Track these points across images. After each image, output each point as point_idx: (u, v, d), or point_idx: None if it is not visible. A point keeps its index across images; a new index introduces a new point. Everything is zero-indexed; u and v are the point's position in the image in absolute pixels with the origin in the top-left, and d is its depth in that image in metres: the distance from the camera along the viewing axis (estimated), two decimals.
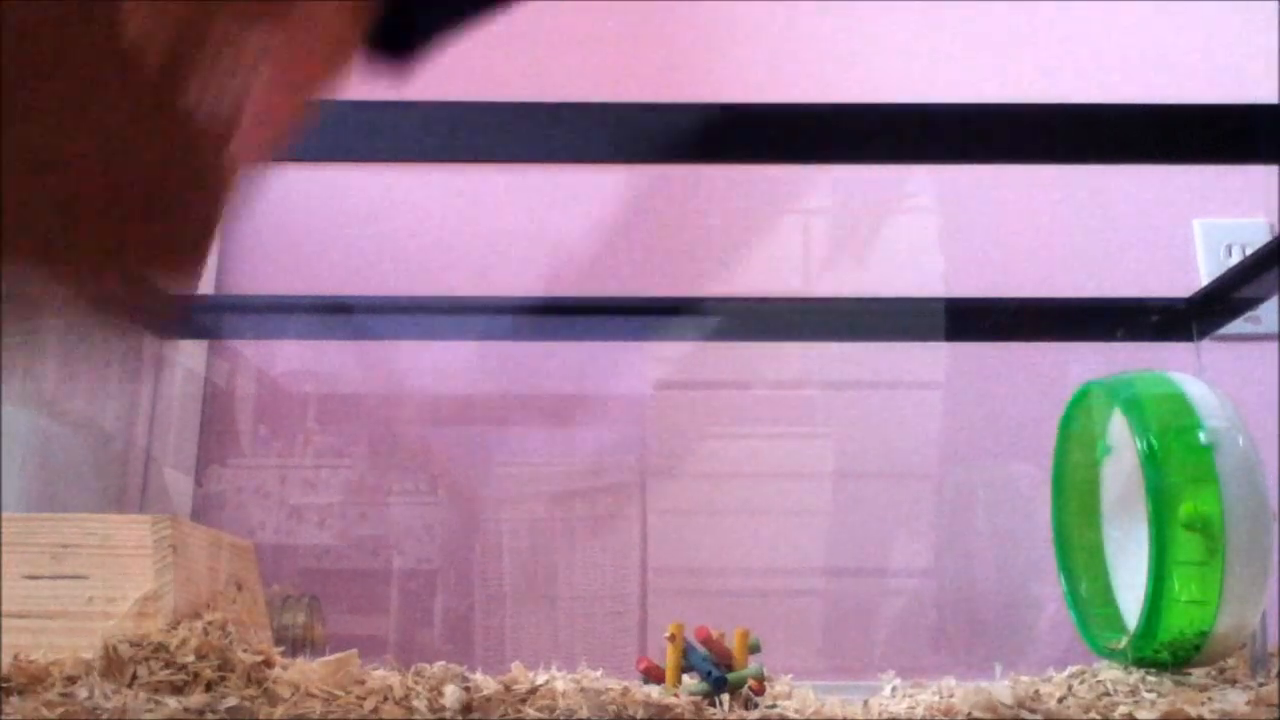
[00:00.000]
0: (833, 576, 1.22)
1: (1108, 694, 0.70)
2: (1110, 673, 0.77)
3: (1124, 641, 0.79)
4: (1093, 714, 0.65)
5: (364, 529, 1.27)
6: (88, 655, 0.60)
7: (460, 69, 1.51)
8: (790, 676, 0.78)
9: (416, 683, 0.64)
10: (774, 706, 0.67)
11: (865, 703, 0.69)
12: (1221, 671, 0.78)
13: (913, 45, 1.46)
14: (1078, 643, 0.93)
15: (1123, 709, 0.65)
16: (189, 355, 1.28)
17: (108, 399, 1.12)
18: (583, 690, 0.65)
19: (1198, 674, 0.76)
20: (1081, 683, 0.74)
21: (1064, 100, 0.80)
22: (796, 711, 0.65)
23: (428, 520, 1.29)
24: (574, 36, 1.49)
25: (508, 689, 0.65)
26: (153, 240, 0.33)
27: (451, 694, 0.62)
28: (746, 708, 0.66)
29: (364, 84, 0.41)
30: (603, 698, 0.63)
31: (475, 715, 0.62)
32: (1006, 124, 0.73)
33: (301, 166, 1.37)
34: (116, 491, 1.13)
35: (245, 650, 0.63)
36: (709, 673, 0.65)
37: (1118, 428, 0.90)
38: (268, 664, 0.63)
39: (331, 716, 0.59)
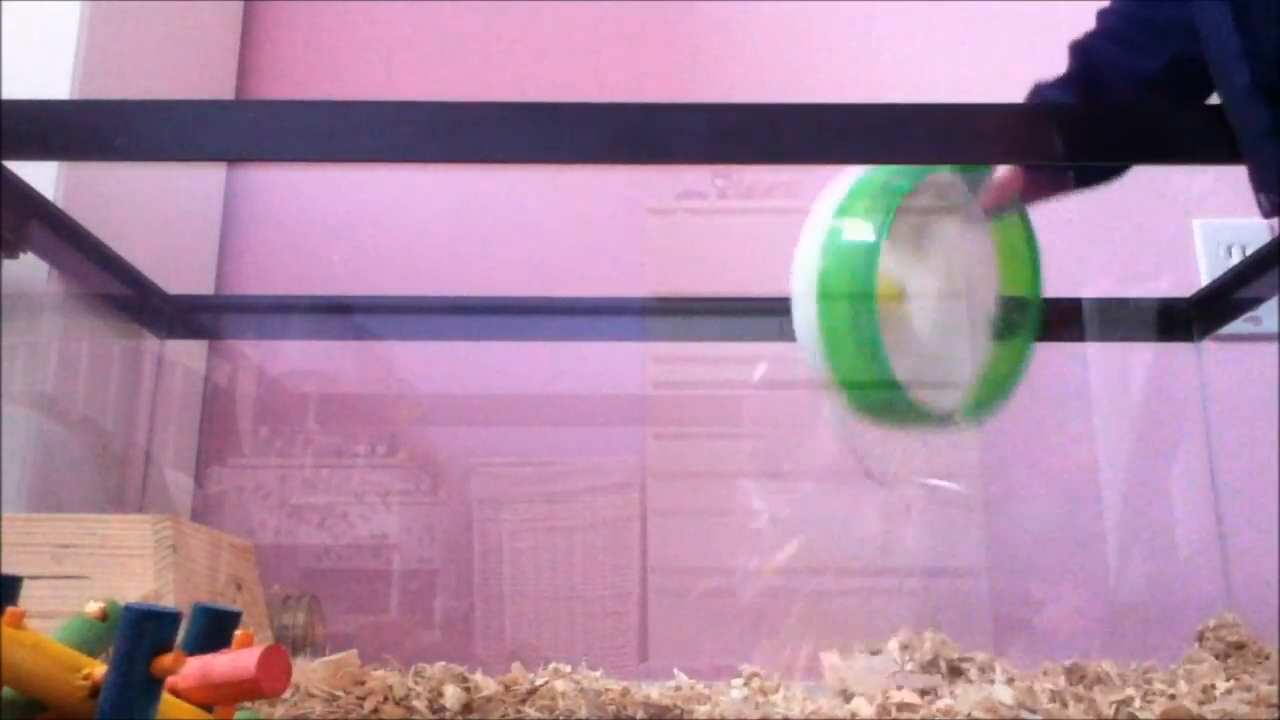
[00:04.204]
0: (832, 576, 1.22)
1: (1107, 693, 0.70)
2: (1109, 671, 0.77)
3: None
4: (1092, 714, 0.65)
5: (364, 529, 1.27)
6: None
7: (460, 69, 1.52)
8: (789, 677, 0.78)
9: (416, 683, 0.64)
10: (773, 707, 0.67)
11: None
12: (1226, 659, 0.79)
13: (915, 45, 1.46)
14: (1078, 642, 0.93)
15: (1123, 709, 0.65)
16: (189, 355, 1.28)
17: (108, 399, 1.12)
18: (583, 690, 0.65)
19: (1201, 669, 0.76)
20: (1081, 682, 0.74)
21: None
22: (796, 711, 0.65)
23: (428, 520, 1.29)
24: (574, 36, 1.49)
25: (508, 689, 0.65)
26: None
27: (451, 694, 0.62)
28: None
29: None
30: (603, 698, 0.63)
31: (475, 715, 0.62)
32: (1007, 124, 0.73)
33: (302, 167, 1.37)
34: (116, 491, 1.13)
35: None
36: None
37: None
38: None
39: (331, 716, 0.59)
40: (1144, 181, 1.38)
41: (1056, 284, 1.33)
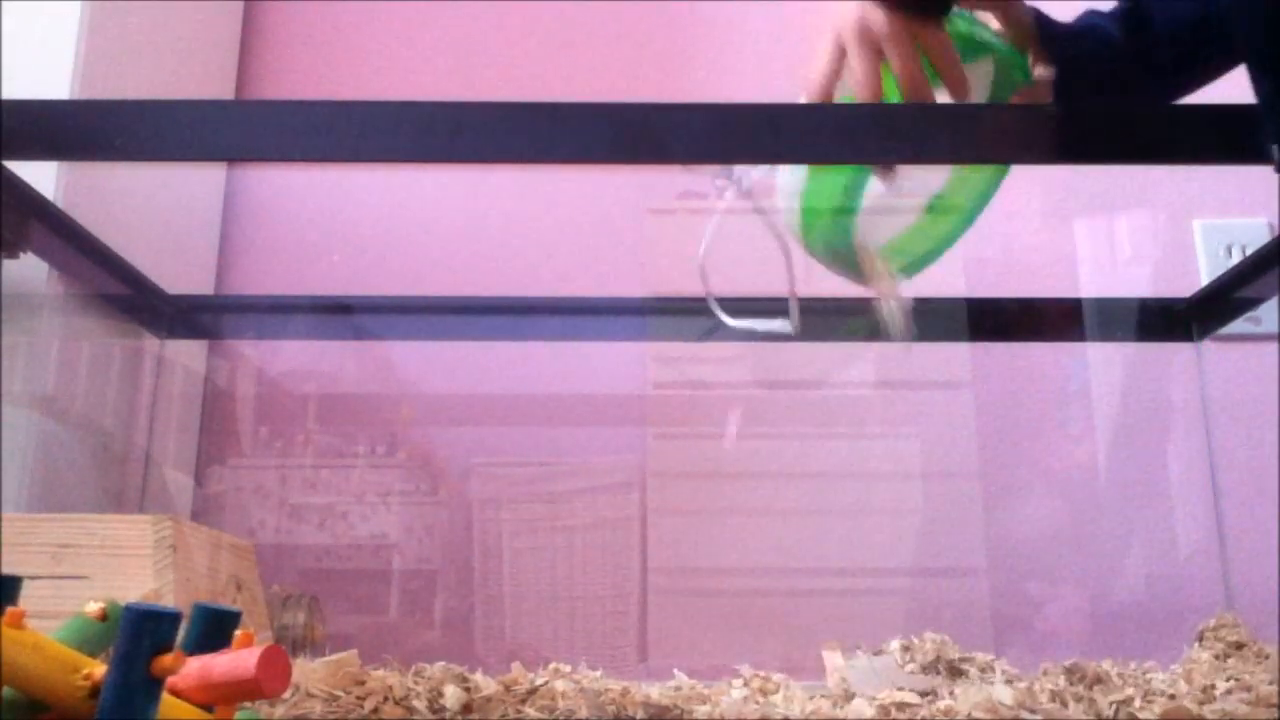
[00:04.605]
0: (832, 576, 1.22)
1: (1107, 693, 0.70)
2: (1109, 671, 0.77)
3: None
4: (1092, 714, 0.65)
5: (364, 529, 1.27)
6: None
7: (460, 69, 1.52)
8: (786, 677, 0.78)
9: (416, 683, 0.64)
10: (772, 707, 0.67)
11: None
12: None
13: None
14: (1078, 642, 0.93)
15: (1123, 709, 0.65)
16: (189, 355, 1.28)
17: (108, 399, 1.12)
18: (583, 690, 0.65)
19: (1201, 669, 0.76)
20: (1081, 682, 0.74)
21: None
22: (796, 711, 0.65)
23: (428, 520, 1.29)
24: (574, 36, 1.49)
25: (508, 689, 0.65)
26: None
27: (451, 694, 0.62)
28: None
29: None
30: (602, 698, 0.63)
31: (475, 715, 0.62)
32: (1007, 123, 0.73)
33: (302, 167, 1.37)
34: (116, 491, 1.13)
35: None
36: None
37: None
38: None
39: (331, 716, 0.59)
40: (1144, 181, 1.39)
41: (1057, 284, 1.33)
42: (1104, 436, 1.29)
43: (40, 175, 0.94)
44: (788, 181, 0.83)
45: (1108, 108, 0.73)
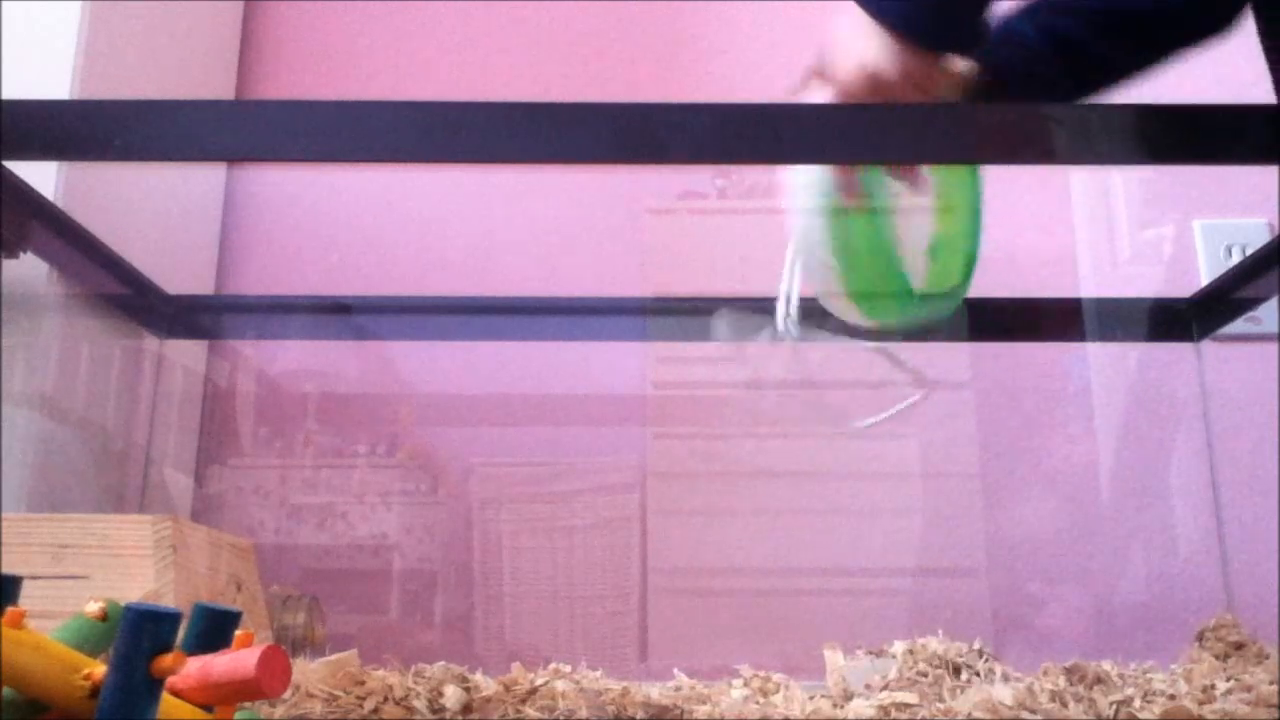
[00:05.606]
0: (832, 577, 1.22)
1: (1108, 693, 0.70)
2: (1109, 671, 0.77)
3: None
4: (1092, 714, 0.65)
5: (364, 529, 1.27)
6: None
7: (460, 69, 1.52)
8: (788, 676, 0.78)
9: (416, 683, 0.64)
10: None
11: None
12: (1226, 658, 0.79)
13: None
14: (1078, 642, 0.93)
15: (1123, 709, 0.65)
16: (189, 355, 1.28)
17: (108, 399, 1.12)
18: (583, 690, 0.65)
19: (1201, 669, 0.76)
20: (1081, 682, 0.74)
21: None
22: (796, 711, 0.65)
23: (428, 520, 1.29)
24: (573, 36, 1.49)
25: (508, 689, 0.65)
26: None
27: (451, 694, 0.62)
28: None
29: None
30: (603, 698, 0.63)
31: (475, 715, 0.62)
32: (1006, 123, 0.73)
33: (302, 167, 1.37)
34: (116, 491, 1.13)
35: None
36: None
37: None
38: None
39: (331, 717, 0.59)
40: (1144, 181, 1.38)
41: (1057, 283, 1.33)
42: (1104, 436, 1.29)
43: (40, 175, 0.94)
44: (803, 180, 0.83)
45: (1107, 108, 0.73)
